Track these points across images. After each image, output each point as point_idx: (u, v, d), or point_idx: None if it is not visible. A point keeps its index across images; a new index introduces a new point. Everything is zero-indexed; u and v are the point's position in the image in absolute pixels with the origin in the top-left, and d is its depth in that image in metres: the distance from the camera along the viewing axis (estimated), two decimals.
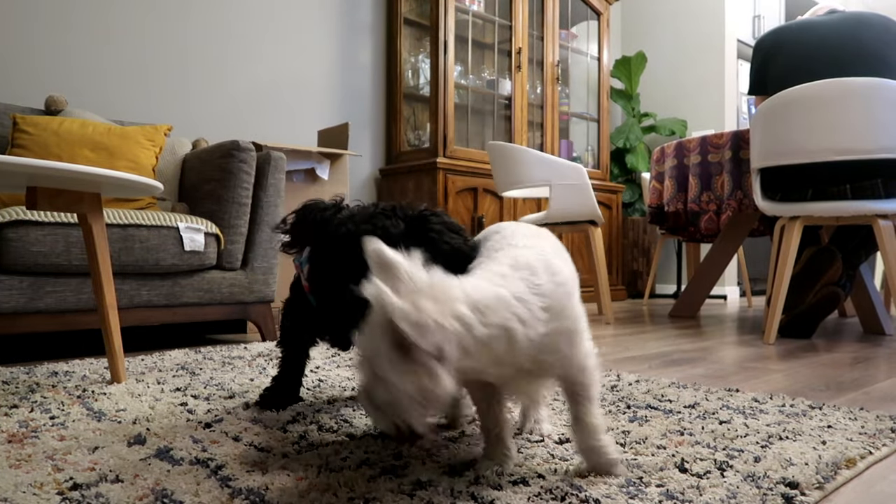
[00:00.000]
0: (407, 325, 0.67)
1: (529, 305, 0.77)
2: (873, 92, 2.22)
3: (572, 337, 0.82)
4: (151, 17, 3.07)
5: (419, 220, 0.99)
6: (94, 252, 1.47)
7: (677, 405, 1.31)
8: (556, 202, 3.04)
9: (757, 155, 2.48)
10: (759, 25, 5.53)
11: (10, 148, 2.19)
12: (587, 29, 5.02)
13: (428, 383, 0.69)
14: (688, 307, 3.50)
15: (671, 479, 0.87)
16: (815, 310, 2.52)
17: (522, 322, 0.75)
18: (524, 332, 0.75)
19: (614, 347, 2.28)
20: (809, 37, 2.54)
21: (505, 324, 0.74)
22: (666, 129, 5.13)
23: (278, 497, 0.79)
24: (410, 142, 4.11)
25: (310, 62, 3.68)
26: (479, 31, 4.36)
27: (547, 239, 0.94)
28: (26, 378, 1.53)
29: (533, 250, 0.85)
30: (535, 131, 4.58)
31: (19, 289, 1.80)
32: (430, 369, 0.69)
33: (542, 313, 0.77)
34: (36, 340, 2.38)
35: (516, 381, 0.82)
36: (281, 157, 2.45)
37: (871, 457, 0.99)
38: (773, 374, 1.75)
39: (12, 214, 1.78)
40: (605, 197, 4.71)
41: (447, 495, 0.80)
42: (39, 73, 2.73)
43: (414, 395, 0.70)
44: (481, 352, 0.73)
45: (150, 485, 0.83)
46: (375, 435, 1.06)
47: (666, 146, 3.24)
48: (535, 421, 1.11)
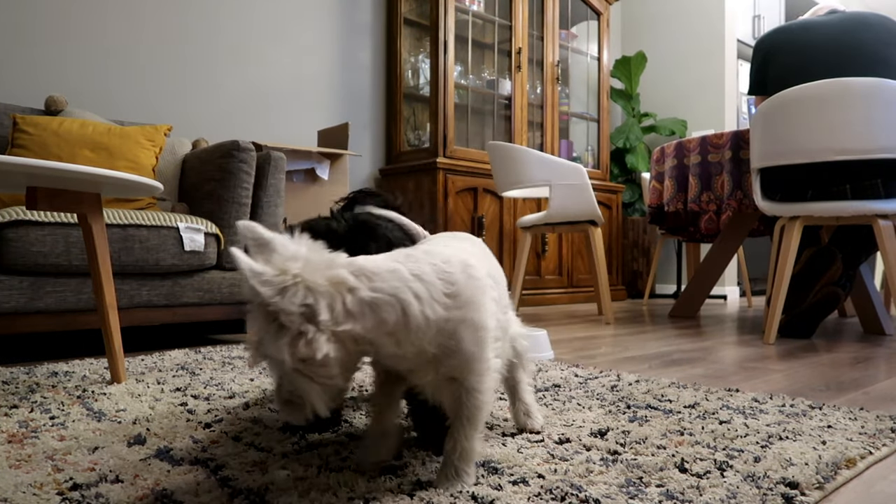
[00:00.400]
0: (262, 284, 0.68)
1: (430, 286, 0.76)
2: (873, 92, 2.22)
3: (478, 333, 0.80)
4: (151, 18, 3.07)
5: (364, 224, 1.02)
6: (94, 252, 1.47)
7: (677, 405, 1.31)
8: (556, 202, 3.04)
9: (757, 155, 2.48)
10: (759, 25, 5.53)
11: (9, 148, 2.19)
12: (587, 29, 5.02)
13: (304, 349, 0.69)
14: (688, 307, 3.50)
15: (671, 479, 0.87)
16: (815, 310, 2.52)
17: (418, 297, 0.75)
18: (419, 308, 0.75)
19: (614, 347, 2.28)
20: (810, 37, 2.54)
21: (396, 293, 0.74)
22: (666, 129, 5.13)
23: (278, 497, 0.79)
24: (410, 142, 4.11)
25: (310, 62, 3.68)
26: (479, 31, 4.36)
27: (475, 245, 0.95)
28: (26, 378, 1.53)
29: (452, 249, 0.85)
30: (535, 131, 4.58)
31: (19, 289, 1.80)
32: (302, 332, 0.69)
33: (444, 297, 0.77)
34: (36, 340, 2.38)
35: (426, 373, 0.81)
36: (281, 157, 2.45)
37: (871, 457, 0.99)
38: (773, 374, 1.75)
39: (12, 214, 1.78)
40: (605, 197, 4.71)
41: (447, 495, 0.80)
42: (39, 73, 2.73)
43: (298, 367, 0.70)
44: (369, 316, 0.73)
45: (149, 485, 0.83)
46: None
47: (666, 146, 3.24)
48: (524, 413, 1.11)
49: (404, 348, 0.77)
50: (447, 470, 0.83)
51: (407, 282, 0.75)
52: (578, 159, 5.04)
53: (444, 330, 0.77)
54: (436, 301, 0.76)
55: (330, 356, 0.71)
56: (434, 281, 0.77)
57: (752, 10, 5.52)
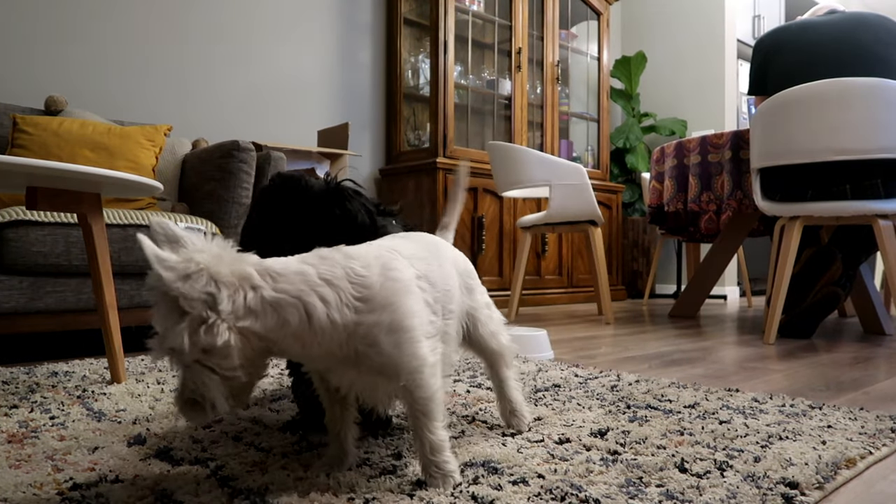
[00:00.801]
0: (166, 269, 0.69)
1: (339, 290, 0.77)
2: (873, 92, 2.22)
3: (397, 335, 0.80)
4: (151, 18, 3.07)
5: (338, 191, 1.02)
6: (94, 252, 1.47)
7: (677, 405, 1.31)
8: (556, 202, 3.04)
9: (757, 155, 2.48)
10: (759, 25, 5.53)
11: (9, 148, 2.19)
12: (587, 29, 5.02)
13: (205, 336, 0.70)
14: (688, 307, 3.50)
15: (671, 479, 0.87)
16: (815, 310, 2.52)
17: (324, 301, 0.76)
18: (325, 312, 0.75)
19: (614, 347, 2.28)
20: (809, 37, 2.54)
21: (300, 296, 0.75)
22: (666, 129, 5.13)
23: (278, 497, 0.79)
24: (410, 142, 4.11)
25: (310, 62, 3.68)
26: (478, 31, 4.36)
27: (421, 245, 0.94)
28: (26, 378, 1.53)
29: (381, 249, 0.85)
30: (535, 131, 4.58)
31: (19, 289, 1.80)
32: (203, 318, 0.70)
33: (354, 301, 0.78)
34: (36, 340, 2.38)
35: (343, 372, 0.81)
36: (281, 157, 2.45)
37: (871, 457, 0.99)
38: (773, 374, 1.75)
39: (12, 214, 1.78)
40: (605, 197, 4.71)
41: (447, 495, 0.80)
42: (39, 73, 2.73)
43: (199, 357, 0.71)
44: (270, 316, 0.73)
45: (149, 485, 0.83)
46: (375, 436, 1.06)
47: (666, 146, 3.24)
48: (510, 412, 1.11)
49: (310, 350, 0.77)
50: (428, 469, 0.84)
51: (314, 285, 0.76)
52: (578, 159, 5.04)
53: (356, 333, 0.78)
54: (345, 305, 0.77)
55: (231, 345, 0.71)
56: (344, 285, 0.78)
57: (752, 10, 5.52)
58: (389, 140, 4.05)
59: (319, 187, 1.02)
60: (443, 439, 0.85)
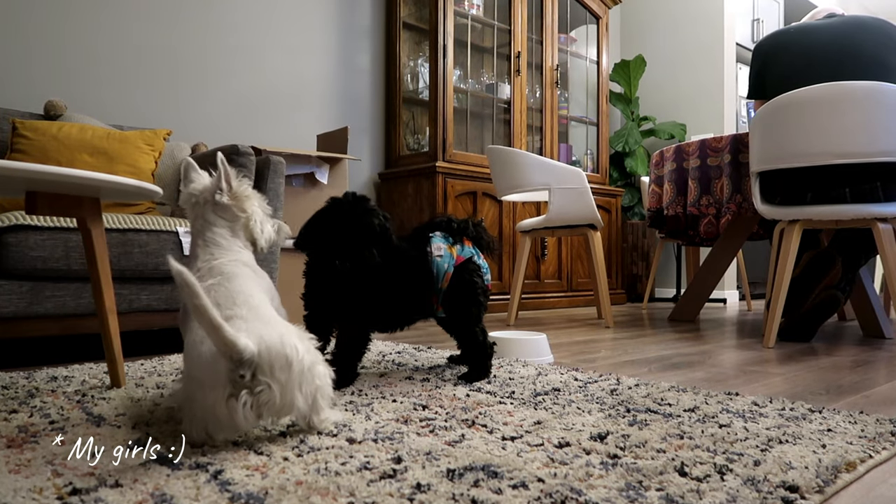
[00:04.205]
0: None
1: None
2: (872, 95, 2.22)
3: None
4: (150, 22, 3.07)
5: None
6: (93, 256, 1.47)
7: (677, 409, 1.31)
8: (556, 206, 3.04)
9: (756, 158, 2.49)
10: (758, 29, 5.54)
11: (9, 153, 2.19)
12: (586, 33, 5.03)
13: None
14: (687, 311, 3.50)
15: (671, 482, 0.87)
16: (815, 313, 2.52)
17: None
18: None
19: (614, 351, 2.28)
20: (809, 40, 2.54)
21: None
22: (665, 132, 5.13)
23: (278, 501, 0.79)
24: (410, 146, 4.12)
25: (309, 66, 3.69)
26: (478, 35, 4.37)
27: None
28: (26, 383, 1.53)
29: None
30: (535, 135, 4.59)
31: (19, 293, 1.80)
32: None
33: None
34: (35, 345, 2.38)
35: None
36: (280, 161, 2.45)
37: (871, 460, 0.99)
38: (772, 378, 1.75)
39: (11, 219, 1.78)
40: (605, 201, 4.72)
41: (447, 499, 0.80)
42: (39, 77, 2.74)
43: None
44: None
45: (149, 489, 0.83)
46: (375, 439, 1.06)
47: (665, 150, 3.24)
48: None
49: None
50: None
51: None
52: (578, 163, 5.05)
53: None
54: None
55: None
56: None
57: (751, 14, 5.53)
58: (389, 144, 4.05)
59: (348, 202, 1.52)
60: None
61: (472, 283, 1.61)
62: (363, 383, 1.55)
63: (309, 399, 1.06)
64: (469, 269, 1.62)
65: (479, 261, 1.66)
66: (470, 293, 1.61)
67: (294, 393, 1.03)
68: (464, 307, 1.62)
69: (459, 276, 1.61)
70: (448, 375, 1.67)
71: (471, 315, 1.63)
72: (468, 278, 1.61)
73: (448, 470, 0.91)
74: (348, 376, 1.53)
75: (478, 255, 1.66)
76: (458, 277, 1.61)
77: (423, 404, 1.33)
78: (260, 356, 1.00)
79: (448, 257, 1.60)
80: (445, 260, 1.59)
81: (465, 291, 1.61)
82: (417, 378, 1.63)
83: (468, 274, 1.61)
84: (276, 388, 1.01)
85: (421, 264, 1.58)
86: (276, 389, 1.01)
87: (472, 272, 1.62)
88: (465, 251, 1.63)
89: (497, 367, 1.80)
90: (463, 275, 1.61)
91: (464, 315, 1.62)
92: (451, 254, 1.61)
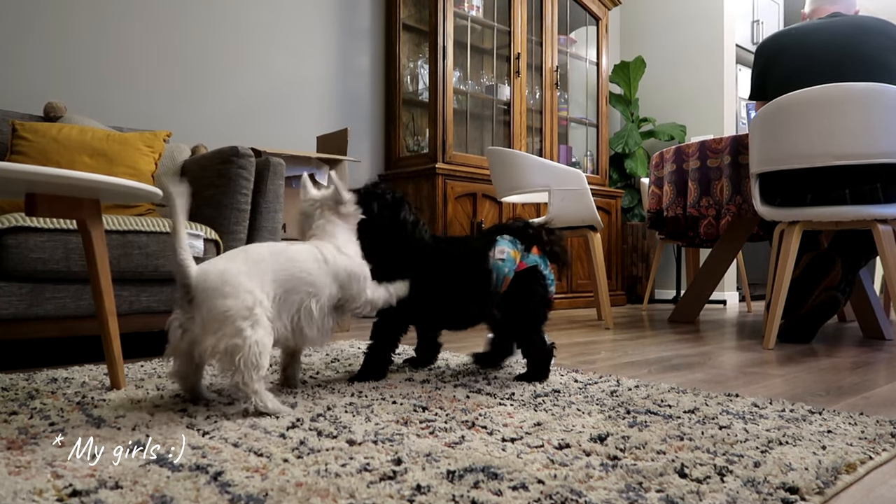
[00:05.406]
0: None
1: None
2: (872, 97, 2.22)
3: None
4: (150, 24, 3.07)
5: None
6: (93, 258, 1.47)
7: (677, 410, 1.31)
8: (556, 207, 3.04)
9: (756, 160, 2.49)
10: (757, 30, 5.54)
11: (9, 154, 2.19)
12: (586, 34, 5.03)
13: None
14: (687, 312, 3.50)
15: (671, 484, 0.87)
16: (815, 314, 2.52)
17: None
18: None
19: (614, 352, 2.28)
20: (810, 41, 2.54)
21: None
22: (665, 134, 5.14)
23: (278, 503, 0.79)
24: (409, 147, 4.12)
25: (309, 68, 3.69)
26: (477, 37, 4.38)
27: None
28: (26, 384, 1.53)
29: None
30: (535, 136, 4.59)
31: (19, 295, 1.80)
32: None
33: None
34: (35, 347, 2.38)
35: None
36: (280, 162, 2.45)
37: (871, 462, 0.99)
38: (772, 379, 1.75)
39: (12, 221, 1.78)
40: (605, 202, 4.72)
41: (447, 500, 0.80)
42: (38, 79, 2.74)
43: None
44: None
45: (149, 491, 0.83)
46: (375, 440, 1.06)
47: (665, 151, 3.24)
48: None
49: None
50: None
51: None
52: (577, 164, 5.05)
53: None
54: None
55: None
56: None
57: (750, 16, 5.53)
58: (388, 145, 4.05)
59: (391, 198, 1.66)
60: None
61: (531, 290, 1.60)
62: (363, 385, 1.55)
63: (226, 356, 1.16)
64: (531, 277, 1.60)
65: (544, 270, 1.63)
66: (528, 300, 1.60)
67: (208, 336, 1.14)
68: (520, 313, 1.61)
69: (520, 282, 1.59)
70: (448, 377, 1.67)
71: (527, 321, 1.61)
72: (529, 286, 1.59)
73: (448, 471, 0.91)
74: (376, 370, 1.62)
75: (544, 265, 1.64)
76: (519, 284, 1.59)
77: (423, 406, 1.33)
78: (196, 282, 1.15)
79: (510, 262, 1.58)
80: (507, 264, 1.58)
81: (524, 298, 1.59)
82: (417, 379, 1.63)
83: (530, 281, 1.60)
84: (199, 321, 1.14)
85: (479, 266, 1.58)
86: (198, 322, 1.14)
87: (535, 280, 1.60)
88: (529, 258, 1.61)
89: (496, 368, 1.80)
90: (524, 281, 1.59)
91: (520, 321, 1.62)
92: (515, 259, 1.59)
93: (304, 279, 1.33)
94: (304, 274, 1.34)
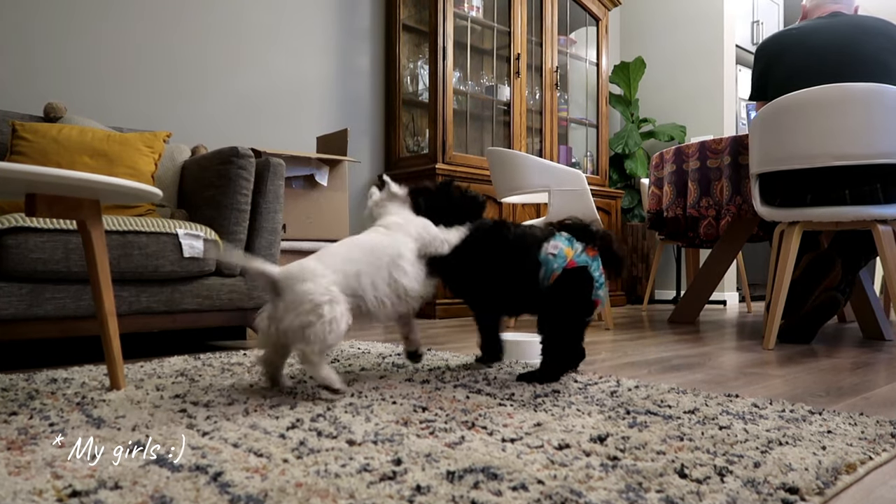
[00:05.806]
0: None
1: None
2: (872, 97, 2.22)
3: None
4: (150, 24, 3.07)
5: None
6: (93, 259, 1.47)
7: (677, 410, 1.31)
8: (555, 208, 3.04)
9: (756, 160, 2.49)
10: (757, 31, 5.54)
11: (9, 155, 2.19)
12: (586, 35, 5.03)
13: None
14: (687, 313, 3.50)
15: (671, 484, 0.87)
16: (815, 315, 2.52)
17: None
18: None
19: (614, 353, 2.28)
20: (811, 42, 2.54)
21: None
22: (665, 134, 5.14)
23: (277, 503, 0.79)
24: (409, 148, 4.12)
25: (309, 68, 3.69)
26: (477, 37, 4.38)
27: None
28: (25, 385, 1.53)
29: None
30: (534, 137, 4.59)
31: (18, 295, 1.80)
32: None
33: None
34: (35, 347, 2.38)
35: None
36: (280, 163, 2.45)
37: (871, 462, 0.98)
38: (772, 380, 1.75)
39: (11, 221, 1.78)
40: (605, 202, 4.72)
41: (447, 500, 0.80)
42: (38, 80, 2.74)
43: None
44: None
45: (149, 491, 0.83)
46: (374, 440, 1.06)
47: (665, 152, 3.24)
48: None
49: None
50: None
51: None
52: (577, 165, 5.05)
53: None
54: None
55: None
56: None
57: (750, 16, 5.54)
58: (388, 146, 4.05)
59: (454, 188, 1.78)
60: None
61: (574, 291, 1.58)
62: (363, 385, 1.55)
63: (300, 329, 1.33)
64: (578, 278, 1.58)
65: (594, 272, 1.60)
66: (566, 299, 1.59)
67: (289, 314, 1.34)
68: (555, 311, 1.61)
69: (566, 280, 1.57)
70: (447, 377, 1.67)
71: (558, 320, 1.61)
72: (573, 285, 1.58)
73: (448, 472, 0.91)
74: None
75: (596, 268, 1.61)
76: (565, 281, 1.57)
77: (423, 406, 1.33)
78: (280, 276, 1.38)
79: (561, 258, 1.57)
80: (557, 260, 1.57)
81: (565, 296, 1.58)
82: (417, 380, 1.63)
83: (575, 281, 1.58)
84: (282, 306, 1.35)
85: (529, 254, 1.59)
86: (282, 307, 1.35)
87: (580, 280, 1.58)
88: (581, 258, 1.59)
89: (497, 369, 1.80)
90: (570, 280, 1.57)
91: (551, 318, 1.62)
92: (567, 256, 1.58)
93: (383, 249, 1.53)
94: (379, 246, 1.53)
